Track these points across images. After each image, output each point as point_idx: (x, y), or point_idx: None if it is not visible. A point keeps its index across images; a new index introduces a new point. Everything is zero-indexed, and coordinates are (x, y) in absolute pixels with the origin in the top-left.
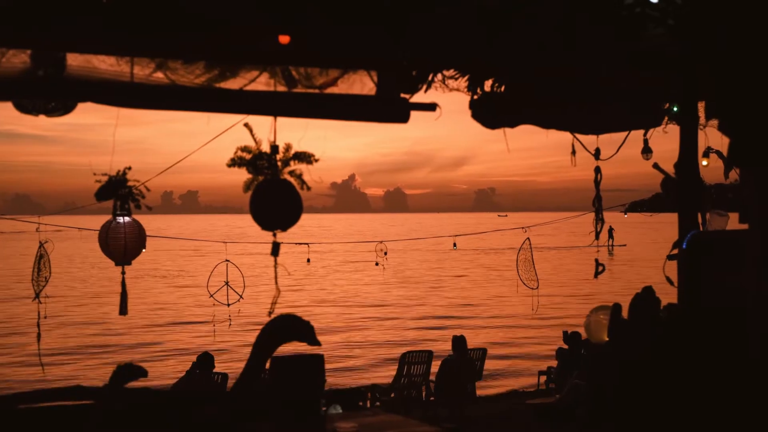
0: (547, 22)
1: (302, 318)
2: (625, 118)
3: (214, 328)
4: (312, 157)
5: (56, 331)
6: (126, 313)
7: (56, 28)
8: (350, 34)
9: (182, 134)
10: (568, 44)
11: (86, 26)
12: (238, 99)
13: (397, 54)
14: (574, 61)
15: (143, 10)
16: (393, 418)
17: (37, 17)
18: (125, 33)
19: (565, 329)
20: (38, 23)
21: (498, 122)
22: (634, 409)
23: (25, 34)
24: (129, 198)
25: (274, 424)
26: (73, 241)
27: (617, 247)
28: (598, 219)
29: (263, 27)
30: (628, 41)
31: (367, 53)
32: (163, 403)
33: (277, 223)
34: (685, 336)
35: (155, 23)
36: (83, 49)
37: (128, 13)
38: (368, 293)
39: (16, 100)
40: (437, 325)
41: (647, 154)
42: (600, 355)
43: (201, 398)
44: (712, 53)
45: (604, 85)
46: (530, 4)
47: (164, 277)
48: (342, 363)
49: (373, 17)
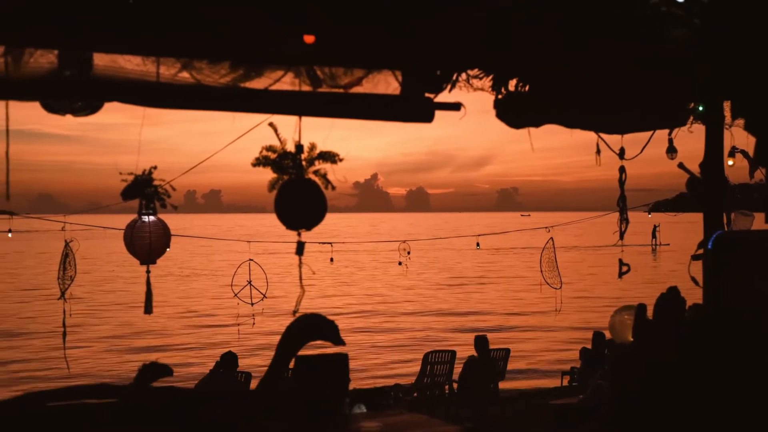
0: (570, 22)
1: (326, 317)
2: (650, 117)
3: (238, 328)
4: (337, 156)
5: (81, 329)
6: (151, 311)
7: (82, 28)
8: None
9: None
10: (591, 45)
11: (113, 26)
12: (263, 98)
13: (420, 55)
14: (597, 62)
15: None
16: (417, 417)
17: (64, 17)
18: (151, 34)
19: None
20: (64, 23)
21: (522, 122)
22: (658, 410)
23: (52, 34)
24: (155, 197)
25: (293, 423)
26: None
27: (660, 246)
28: (622, 219)
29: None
30: (653, 40)
31: (391, 54)
32: (169, 402)
33: (301, 222)
34: (709, 336)
35: (180, 24)
36: (109, 49)
37: (153, 13)
38: (391, 292)
39: (43, 100)
40: (460, 325)
41: (672, 153)
42: (624, 356)
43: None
44: (738, 53)
45: (627, 86)
46: (553, 4)
47: (188, 276)
48: (364, 362)
49: (394, 19)
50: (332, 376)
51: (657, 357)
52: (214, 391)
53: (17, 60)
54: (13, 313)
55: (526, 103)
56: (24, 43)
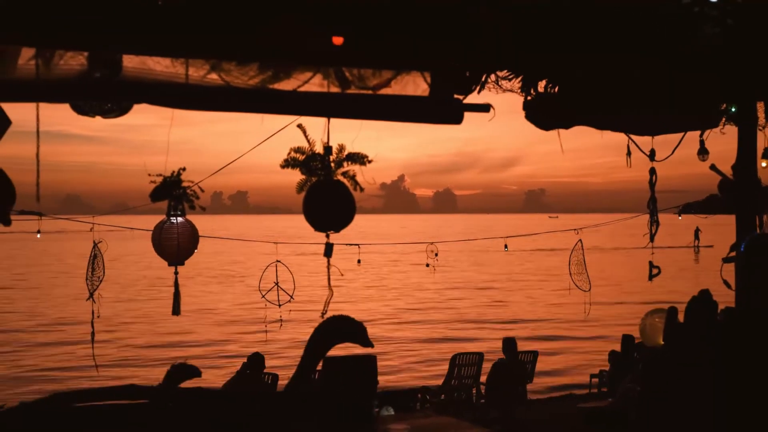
0: (601, 23)
1: (354, 319)
2: (682, 119)
3: (265, 329)
4: (366, 158)
5: (110, 330)
6: (179, 313)
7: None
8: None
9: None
10: (623, 45)
11: (142, 27)
12: (291, 100)
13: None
14: (628, 62)
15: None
16: (445, 420)
17: (93, 20)
18: (180, 34)
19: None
20: (95, 26)
21: (552, 123)
22: (688, 414)
23: (82, 37)
24: (183, 198)
25: (322, 425)
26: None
27: (703, 248)
28: (653, 221)
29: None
30: (685, 40)
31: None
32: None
33: (330, 224)
34: (741, 340)
35: (210, 25)
36: (139, 51)
37: (183, 14)
38: (419, 294)
39: (73, 102)
40: (488, 327)
41: (703, 155)
42: (655, 359)
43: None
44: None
45: (660, 86)
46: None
47: (214, 277)
48: (392, 364)
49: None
50: (360, 378)
51: (688, 360)
52: (242, 392)
53: (48, 62)
54: (42, 313)
55: (556, 105)
56: (54, 45)
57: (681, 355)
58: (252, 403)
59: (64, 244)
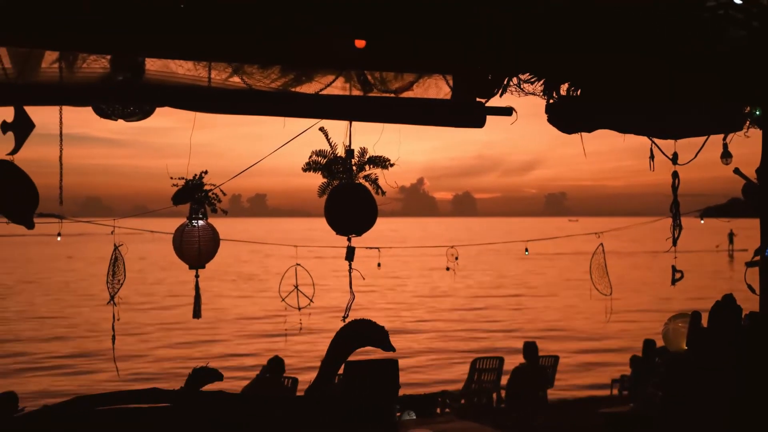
0: (625, 25)
1: (376, 323)
2: (706, 122)
3: (285, 332)
4: (387, 161)
5: (130, 333)
6: (200, 316)
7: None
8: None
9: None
10: (646, 48)
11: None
12: (313, 103)
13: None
14: (652, 65)
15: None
16: (468, 424)
17: (116, 23)
18: (202, 37)
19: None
20: (116, 29)
21: (575, 126)
22: (711, 419)
23: (105, 40)
24: (205, 201)
25: (343, 429)
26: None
27: (737, 252)
28: (675, 225)
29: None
30: (710, 43)
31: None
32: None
33: (352, 227)
34: (766, 344)
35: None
36: (161, 54)
37: (205, 17)
38: (439, 298)
39: (96, 104)
40: (509, 331)
41: (727, 158)
42: (678, 364)
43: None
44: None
45: (682, 89)
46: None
47: (234, 280)
48: (413, 368)
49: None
50: (382, 382)
51: (712, 365)
52: (261, 396)
53: (71, 66)
54: (63, 317)
55: (579, 108)
56: (76, 49)
57: (704, 360)
58: (272, 407)
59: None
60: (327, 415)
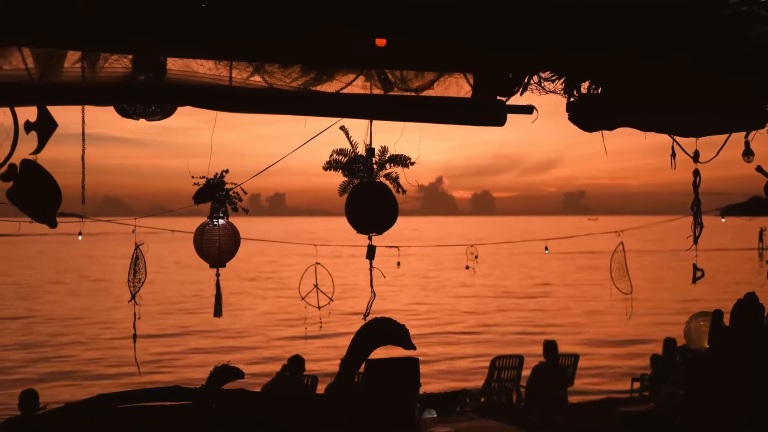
0: (646, 22)
1: (397, 321)
2: (728, 120)
3: (305, 331)
4: (408, 160)
5: (152, 332)
6: (221, 315)
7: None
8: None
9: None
10: (668, 45)
11: (186, 30)
12: (334, 102)
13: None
14: (673, 63)
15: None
16: (488, 423)
17: (139, 22)
18: (224, 38)
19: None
20: (139, 28)
21: (596, 125)
22: (733, 419)
23: (127, 39)
24: (226, 200)
25: (364, 428)
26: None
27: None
28: (696, 223)
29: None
30: (732, 40)
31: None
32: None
33: (373, 226)
34: None
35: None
36: (184, 54)
37: (227, 17)
38: (459, 296)
39: (118, 104)
40: (529, 330)
41: (748, 156)
42: (700, 362)
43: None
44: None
45: (704, 87)
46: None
47: (254, 279)
48: (433, 366)
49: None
50: (403, 381)
51: (734, 364)
52: (282, 395)
53: (93, 66)
54: (84, 315)
55: (600, 106)
56: (100, 48)
57: (726, 359)
58: (292, 405)
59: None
60: (348, 413)
